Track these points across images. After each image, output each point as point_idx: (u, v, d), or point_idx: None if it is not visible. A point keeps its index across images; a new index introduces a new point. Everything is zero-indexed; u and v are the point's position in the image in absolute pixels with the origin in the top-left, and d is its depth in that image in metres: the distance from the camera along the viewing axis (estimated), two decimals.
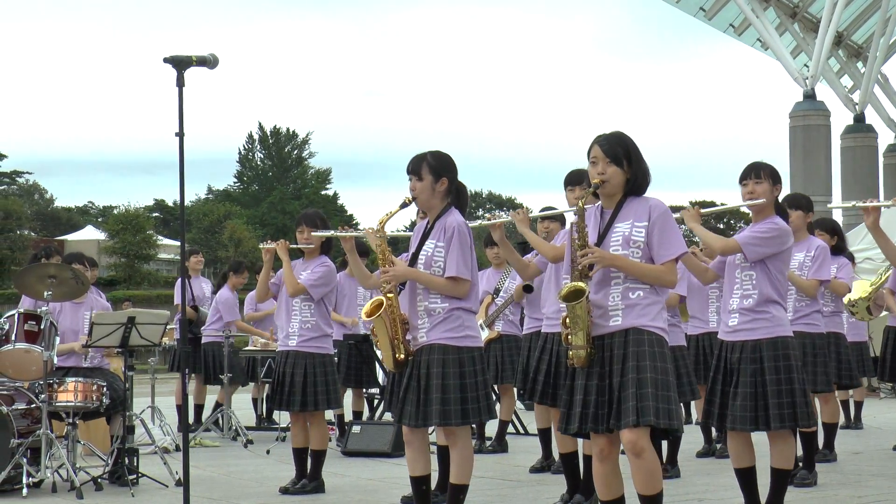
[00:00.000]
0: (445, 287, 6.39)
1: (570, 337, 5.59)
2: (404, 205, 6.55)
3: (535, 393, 8.05)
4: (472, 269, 6.46)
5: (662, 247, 5.63)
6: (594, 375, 5.59)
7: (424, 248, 6.52)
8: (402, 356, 6.42)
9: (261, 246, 8.77)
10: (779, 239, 6.68)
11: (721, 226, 59.83)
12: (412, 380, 6.43)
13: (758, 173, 6.87)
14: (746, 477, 6.81)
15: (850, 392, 13.52)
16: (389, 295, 6.41)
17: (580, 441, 7.59)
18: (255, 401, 14.47)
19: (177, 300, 13.10)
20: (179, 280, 14.30)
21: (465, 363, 6.39)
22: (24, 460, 8.38)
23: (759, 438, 6.84)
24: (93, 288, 10.58)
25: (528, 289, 10.20)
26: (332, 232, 8.13)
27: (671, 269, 5.65)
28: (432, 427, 6.64)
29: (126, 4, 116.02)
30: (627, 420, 5.45)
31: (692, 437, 11.61)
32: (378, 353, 12.64)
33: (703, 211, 7.04)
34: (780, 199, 7.15)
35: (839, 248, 9.76)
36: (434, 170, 6.49)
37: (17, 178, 70.10)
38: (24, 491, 8.31)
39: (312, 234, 8.51)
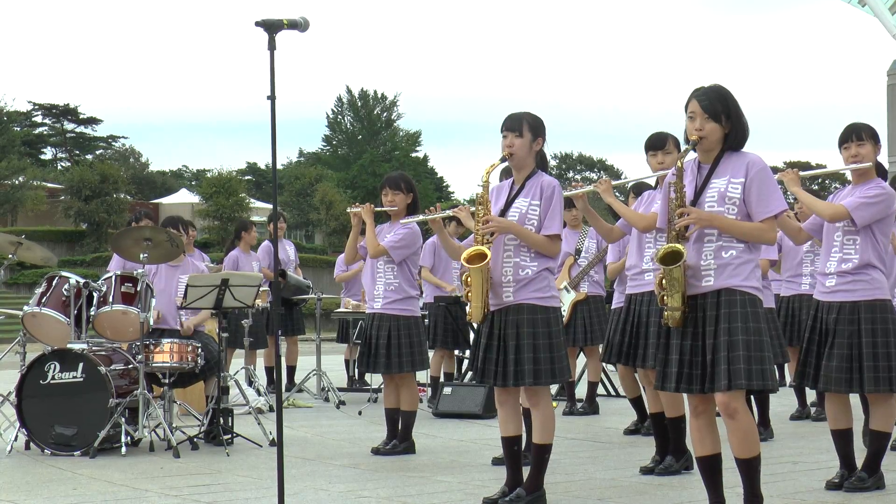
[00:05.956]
0: (544, 244, 6.36)
1: (665, 298, 5.53)
2: (504, 159, 6.51)
3: (621, 355, 7.99)
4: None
5: (761, 203, 5.48)
6: (687, 335, 5.53)
7: (516, 205, 6.45)
8: (487, 310, 6.40)
9: (348, 210, 8.85)
10: (885, 203, 6.57)
11: (815, 187, 58.89)
12: (494, 339, 6.41)
13: (860, 135, 6.73)
14: (843, 439, 6.74)
15: None
16: (488, 248, 6.35)
17: (667, 403, 7.54)
18: (347, 362, 14.61)
19: (263, 263, 13.24)
20: (265, 243, 14.55)
21: (552, 323, 6.40)
22: (123, 420, 8.55)
23: (856, 401, 6.75)
24: (196, 250, 10.72)
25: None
26: (421, 216, 8.07)
27: (771, 226, 5.53)
28: None
29: None
30: (720, 384, 5.39)
31: (786, 400, 11.50)
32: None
33: (802, 174, 6.91)
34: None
35: None
36: (532, 128, 6.51)
37: (113, 143, 71.09)
38: (123, 449, 8.49)
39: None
